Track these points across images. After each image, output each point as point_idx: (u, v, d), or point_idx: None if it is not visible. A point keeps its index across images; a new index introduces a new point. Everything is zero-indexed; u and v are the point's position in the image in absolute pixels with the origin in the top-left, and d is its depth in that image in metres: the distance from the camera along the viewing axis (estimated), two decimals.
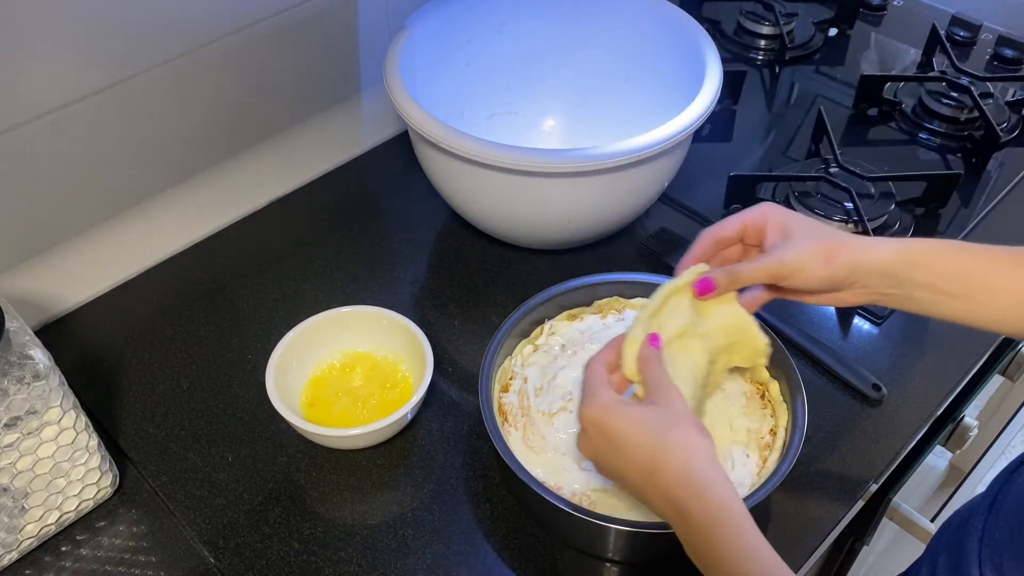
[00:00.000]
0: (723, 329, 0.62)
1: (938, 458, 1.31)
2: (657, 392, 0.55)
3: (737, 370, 0.70)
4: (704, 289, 0.60)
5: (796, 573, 0.66)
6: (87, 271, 0.84)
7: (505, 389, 0.70)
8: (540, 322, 0.74)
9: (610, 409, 0.54)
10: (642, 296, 0.75)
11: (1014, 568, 0.51)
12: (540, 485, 0.61)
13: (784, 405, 0.67)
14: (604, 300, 0.75)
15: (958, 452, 0.99)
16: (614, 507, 0.62)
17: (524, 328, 0.73)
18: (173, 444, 0.72)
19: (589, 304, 0.75)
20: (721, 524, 0.49)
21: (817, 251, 0.58)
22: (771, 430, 0.66)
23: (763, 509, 0.66)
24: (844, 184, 0.89)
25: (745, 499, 0.60)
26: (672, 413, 0.53)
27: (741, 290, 0.62)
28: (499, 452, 0.63)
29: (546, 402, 0.68)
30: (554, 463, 0.65)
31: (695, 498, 0.50)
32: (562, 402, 0.68)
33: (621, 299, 0.75)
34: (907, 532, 0.92)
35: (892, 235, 0.89)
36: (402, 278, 0.86)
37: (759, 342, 0.63)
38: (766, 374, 0.69)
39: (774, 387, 0.69)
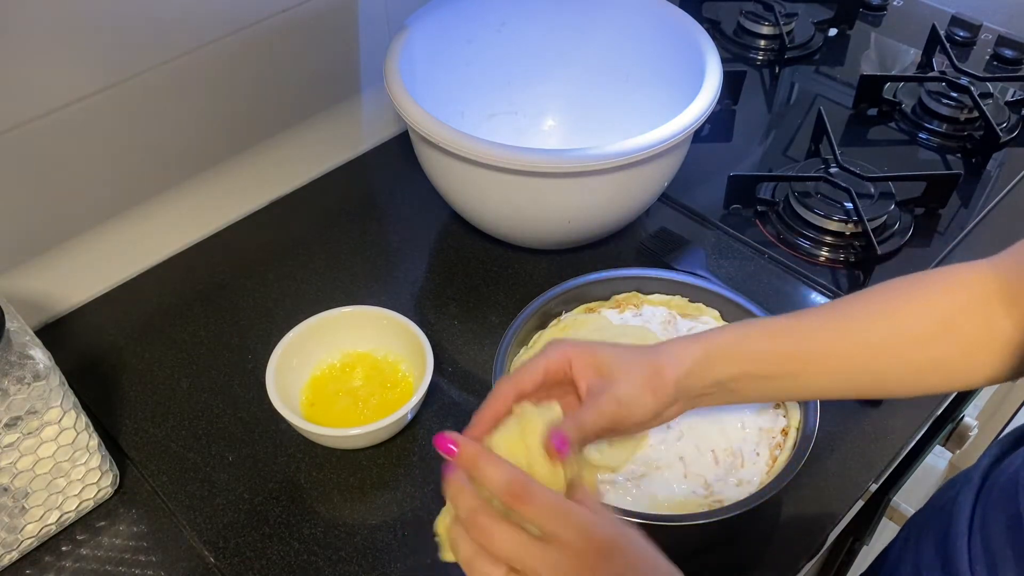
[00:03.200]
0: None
1: (938, 458, 1.31)
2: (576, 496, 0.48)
3: None
4: (562, 445, 0.49)
5: (797, 573, 0.66)
6: (87, 271, 0.84)
7: None
8: (557, 315, 0.74)
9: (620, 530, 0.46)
10: (660, 292, 0.76)
11: (1008, 559, 0.51)
12: None
13: (796, 406, 0.67)
14: (623, 295, 0.75)
15: (958, 452, 1.00)
16: (619, 498, 0.62)
17: (538, 321, 0.73)
18: (173, 444, 0.72)
19: (607, 299, 0.75)
20: None
21: (642, 382, 0.54)
22: (783, 430, 0.67)
23: (770, 507, 0.66)
24: (844, 184, 0.89)
25: (753, 496, 0.60)
26: (600, 515, 0.46)
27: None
28: None
29: None
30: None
31: None
32: None
33: (639, 295, 0.75)
34: None
35: (892, 235, 0.89)
36: (402, 278, 0.86)
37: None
38: None
39: None
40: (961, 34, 1.15)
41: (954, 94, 1.03)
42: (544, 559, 0.44)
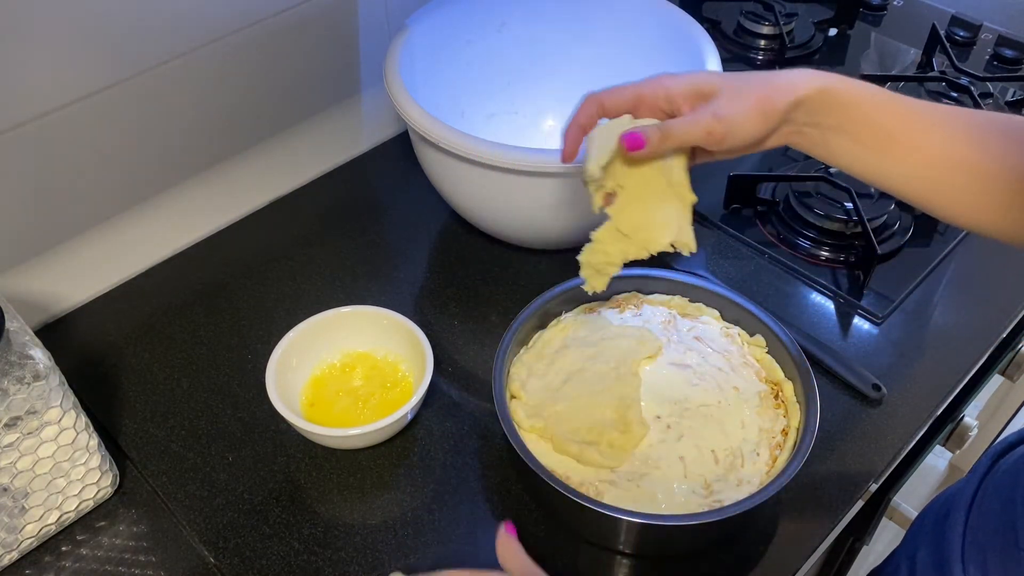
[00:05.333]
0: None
1: (938, 458, 1.31)
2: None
3: (750, 369, 0.70)
4: (633, 144, 0.53)
5: (797, 573, 0.66)
6: (87, 271, 0.84)
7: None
8: (557, 315, 0.74)
9: None
10: (660, 292, 0.76)
11: (997, 565, 0.51)
12: (553, 476, 0.62)
13: (797, 406, 0.67)
14: (622, 295, 0.76)
15: (958, 452, 0.99)
16: (619, 498, 0.62)
17: (538, 321, 0.73)
18: (173, 444, 0.72)
19: (607, 299, 0.75)
20: None
21: (751, 108, 0.53)
22: (783, 430, 0.67)
23: (770, 507, 0.66)
24: (844, 184, 0.89)
25: (753, 496, 0.60)
26: None
27: None
28: (511, 440, 0.63)
29: (542, 383, 0.69)
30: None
31: None
32: (559, 382, 0.69)
33: (639, 295, 0.75)
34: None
35: (892, 235, 0.89)
36: (402, 278, 0.86)
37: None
38: (781, 374, 0.70)
39: (788, 388, 0.69)
40: (961, 34, 1.15)
41: (954, 94, 1.03)
42: None
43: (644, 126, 0.56)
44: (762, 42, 1.16)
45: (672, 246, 0.60)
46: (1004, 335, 0.83)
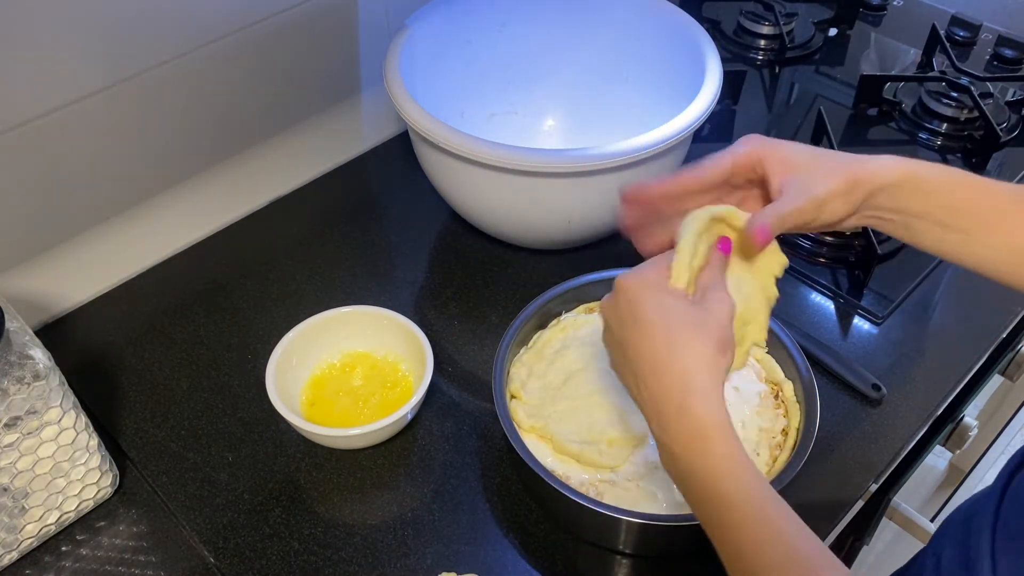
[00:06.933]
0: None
1: (938, 458, 1.31)
2: (705, 294, 0.52)
3: (750, 369, 0.70)
4: (762, 235, 0.54)
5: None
6: (87, 271, 0.84)
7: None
8: (557, 315, 0.74)
9: (649, 286, 0.51)
10: None
11: None
12: (553, 476, 0.62)
13: (797, 406, 0.67)
14: None
15: (958, 452, 0.99)
16: (619, 498, 0.62)
17: (538, 321, 0.73)
18: (173, 444, 0.72)
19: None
20: (703, 439, 0.47)
21: (839, 185, 0.54)
22: (783, 430, 0.67)
23: None
24: None
25: None
26: (706, 317, 0.50)
27: None
28: (511, 440, 0.63)
29: (542, 383, 0.69)
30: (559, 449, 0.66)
31: (679, 405, 0.48)
32: (559, 382, 0.69)
33: None
34: (907, 532, 0.92)
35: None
36: (402, 278, 0.86)
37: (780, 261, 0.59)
38: (781, 374, 0.70)
39: (788, 388, 0.69)
40: (961, 34, 1.15)
41: (954, 94, 1.03)
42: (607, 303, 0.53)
43: (762, 218, 0.54)
44: (762, 42, 1.16)
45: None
46: (1004, 335, 0.83)
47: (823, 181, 0.54)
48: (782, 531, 0.48)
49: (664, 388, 0.48)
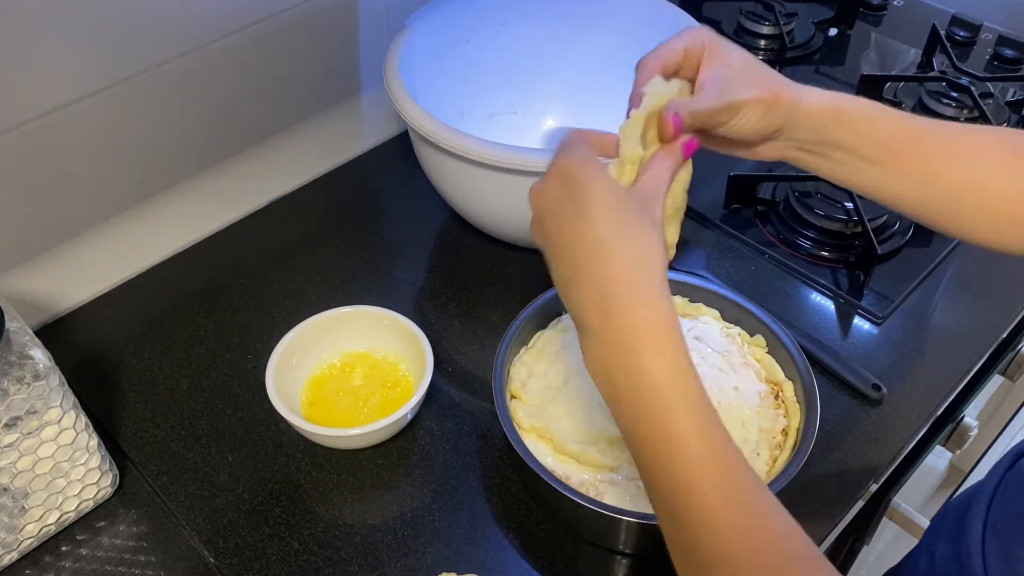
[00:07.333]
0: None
1: (938, 458, 1.31)
2: (644, 186, 0.49)
3: (750, 369, 0.70)
4: (675, 123, 0.51)
5: None
6: (87, 271, 0.84)
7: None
8: (557, 315, 0.75)
9: (587, 164, 0.46)
10: None
11: (1019, 550, 0.51)
12: (553, 476, 0.62)
13: (797, 406, 0.67)
14: None
15: (958, 452, 0.99)
16: (619, 498, 0.62)
17: (538, 321, 0.73)
18: (173, 444, 0.72)
19: None
20: (650, 335, 0.42)
21: (759, 99, 0.52)
22: (783, 430, 0.67)
23: None
24: None
25: None
26: (648, 208, 0.47)
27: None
28: (511, 440, 0.63)
29: (542, 383, 0.69)
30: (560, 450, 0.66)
31: (627, 302, 0.43)
32: (560, 382, 0.69)
33: None
34: (907, 532, 0.92)
35: (892, 235, 0.89)
36: (402, 278, 0.86)
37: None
38: (781, 374, 0.70)
39: (788, 388, 0.69)
40: (961, 34, 1.15)
41: (954, 94, 1.03)
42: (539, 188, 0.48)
43: (678, 103, 0.53)
44: (762, 42, 1.16)
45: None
46: (1004, 335, 0.83)
47: (745, 87, 0.52)
48: (748, 495, 0.42)
49: (610, 277, 0.43)
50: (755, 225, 0.91)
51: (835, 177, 0.56)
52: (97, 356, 0.79)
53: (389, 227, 0.92)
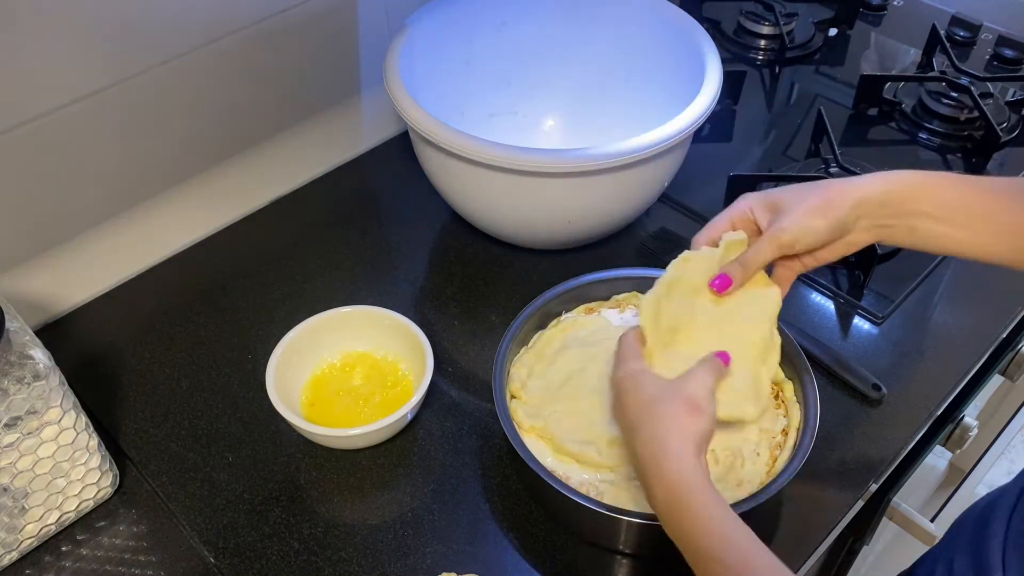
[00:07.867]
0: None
1: (938, 458, 1.31)
2: (689, 379, 0.57)
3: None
4: (723, 286, 0.61)
5: (796, 573, 0.66)
6: (87, 271, 0.84)
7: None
8: (557, 315, 0.74)
9: (627, 374, 0.57)
10: None
11: None
12: (553, 476, 0.62)
13: (797, 406, 0.67)
14: (622, 295, 0.76)
15: (958, 452, 0.99)
16: (619, 498, 0.62)
17: (538, 321, 0.73)
18: (173, 444, 0.72)
19: (607, 299, 0.75)
20: (682, 494, 0.51)
21: (812, 208, 0.58)
22: (783, 430, 0.67)
23: (770, 507, 0.66)
24: None
25: (753, 496, 0.60)
26: (674, 388, 0.55)
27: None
28: (511, 440, 0.63)
29: (542, 383, 0.69)
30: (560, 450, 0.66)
31: (657, 468, 0.52)
32: (560, 382, 0.69)
33: (639, 295, 0.75)
34: (907, 532, 0.92)
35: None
36: (402, 278, 0.86)
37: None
38: (781, 374, 0.70)
39: (788, 388, 0.69)
40: (961, 34, 1.15)
41: (954, 94, 1.03)
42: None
43: (726, 266, 0.62)
44: (762, 42, 1.16)
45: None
46: (1004, 335, 0.83)
47: (793, 211, 0.58)
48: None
49: (648, 455, 0.53)
50: None
51: (923, 245, 0.59)
52: (97, 356, 0.79)
53: (389, 227, 0.92)
